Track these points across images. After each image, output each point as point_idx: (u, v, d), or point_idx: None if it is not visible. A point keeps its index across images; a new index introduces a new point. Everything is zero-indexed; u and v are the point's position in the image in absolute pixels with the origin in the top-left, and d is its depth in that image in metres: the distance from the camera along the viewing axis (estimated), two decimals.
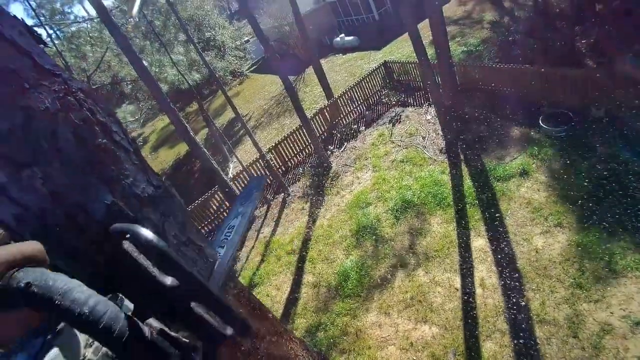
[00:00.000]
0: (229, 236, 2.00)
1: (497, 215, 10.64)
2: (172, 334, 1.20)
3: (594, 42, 14.42)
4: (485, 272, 9.50)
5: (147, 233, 1.24)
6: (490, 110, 14.53)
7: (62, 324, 1.10)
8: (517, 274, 9.06)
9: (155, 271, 1.18)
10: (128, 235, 1.23)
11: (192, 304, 1.27)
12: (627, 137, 10.69)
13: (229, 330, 1.37)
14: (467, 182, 12.20)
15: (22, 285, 1.03)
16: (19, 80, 1.20)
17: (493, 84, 15.16)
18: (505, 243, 9.83)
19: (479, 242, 10.25)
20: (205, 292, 1.34)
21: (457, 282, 9.61)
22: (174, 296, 1.20)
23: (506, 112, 14.09)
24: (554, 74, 12.74)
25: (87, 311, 1.02)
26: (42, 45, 1.37)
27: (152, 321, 1.22)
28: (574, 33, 15.24)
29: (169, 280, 1.19)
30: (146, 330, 1.12)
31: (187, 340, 1.21)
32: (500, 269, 9.38)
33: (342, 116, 19.05)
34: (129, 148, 1.51)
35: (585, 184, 10.09)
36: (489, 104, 14.81)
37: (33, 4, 21.14)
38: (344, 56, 29.95)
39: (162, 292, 1.18)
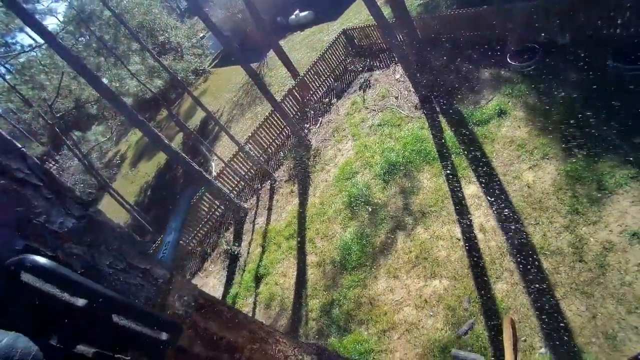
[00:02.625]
0: (166, 252, 2.00)
1: (483, 159, 10.72)
2: (108, 353, 1.18)
3: None
4: (482, 216, 9.59)
5: (42, 260, 1.15)
6: (456, 58, 14.52)
7: None
8: (514, 212, 9.17)
9: (65, 295, 1.12)
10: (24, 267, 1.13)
11: (115, 319, 1.24)
12: (593, 59, 10.72)
13: (164, 335, 1.36)
14: (448, 133, 12.24)
15: None
16: None
17: (454, 32, 15.10)
18: (496, 184, 9.93)
19: (471, 189, 10.33)
20: (124, 306, 1.29)
21: (458, 232, 9.71)
22: (90, 315, 1.15)
23: (473, 56, 14.09)
24: (512, 10, 12.69)
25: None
26: None
27: (82, 347, 1.17)
28: None
29: (80, 302, 1.14)
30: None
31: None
32: (496, 210, 9.48)
33: (311, 92, 18.92)
34: (39, 183, 1.37)
35: (563, 112, 10.17)
36: (455, 51, 14.79)
37: None
38: (302, 33, 29.65)
39: (78, 315, 1.14)
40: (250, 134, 17.36)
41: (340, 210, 12.69)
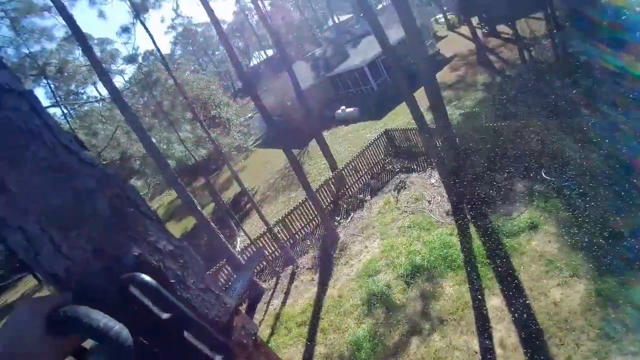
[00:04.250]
0: (233, 293, 2.30)
1: (510, 271, 10.46)
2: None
3: (585, 90, 14.81)
4: (503, 331, 9.26)
5: (146, 277, 1.59)
6: (492, 168, 14.67)
7: None
8: (538, 330, 8.82)
9: (154, 308, 1.54)
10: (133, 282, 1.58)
11: (185, 334, 1.62)
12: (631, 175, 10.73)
13: (218, 358, 1.73)
14: (477, 242, 12.10)
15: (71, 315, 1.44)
16: (70, 170, 1.68)
17: (492, 143, 15.40)
18: (521, 299, 9.61)
19: (494, 301, 10.05)
20: (193, 322, 1.68)
21: (476, 344, 9.36)
22: (169, 327, 1.55)
23: (509, 168, 14.23)
24: (551, 126, 13.01)
25: (106, 328, 1.44)
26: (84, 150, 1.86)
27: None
28: (564, 84, 15.71)
29: (164, 315, 1.54)
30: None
31: None
32: (519, 326, 9.13)
33: (347, 186, 19.18)
34: (152, 217, 1.93)
35: (597, 230, 10.00)
36: (491, 162, 14.98)
37: (52, 86, 22.31)
38: (346, 127, 30.60)
39: (161, 324, 1.54)
40: (281, 217, 17.57)
41: (357, 306, 12.46)
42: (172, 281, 1.80)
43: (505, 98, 18.60)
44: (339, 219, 17.98)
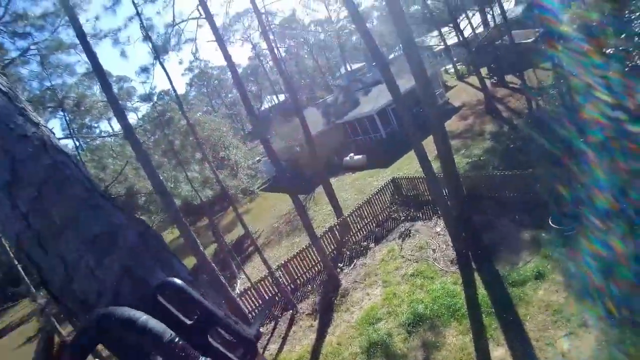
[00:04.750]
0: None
1: (515, 321, 10.20)
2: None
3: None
4: None
5: (177, 280, 1.71)
6: (498, 217, 14.54)
7: None
8: None
9: (179, 314, 1.64)
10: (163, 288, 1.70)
11: (209, 339, 1.66)
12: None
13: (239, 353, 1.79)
14: (481, 291, 11.86)
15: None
16: (105, 208, 1.92)
17: (499, 192, 15.37)
18: (527, 350, 9.30)
19: (499, 352, 9.71)
20: (219, 320, 1.73)
21: None
22: (194, 331, 1.63)
23: (514, 216, 14.10)
24: (558, 175, 12.98)
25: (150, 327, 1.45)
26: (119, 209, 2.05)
27: None
28: (571, 134, 15.71)
29: (188, 321, 1.64)
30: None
31: None
32: None
33: (351, 234, 19.00)
34: (172, 252, 2.19)
35: (604, 279, 9.74)
36: (497, 210, 14.86)
37: (68, 118, 22.93)
38: (353, 174, 30.61)
39: (186, 328, 1.62)
40: (283, 262, 17.36)
41: (356, 354, 12.07)
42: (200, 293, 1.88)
43: (513, 147, 18.61)
44: (341, 265, 17.73)
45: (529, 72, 26.26)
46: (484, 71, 31.77)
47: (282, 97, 69.87)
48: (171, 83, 20.31)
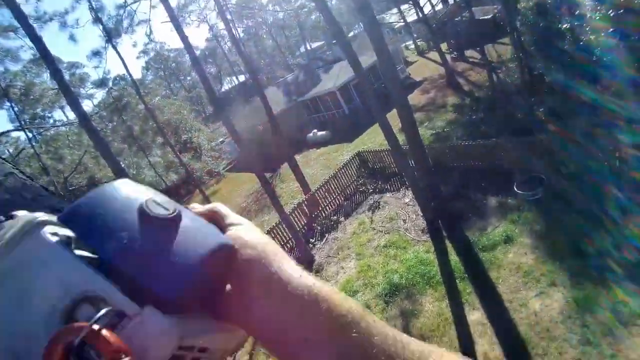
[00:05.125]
0: None
1: (488, 285, 10.52)
2: None
3: (550, 109, 15.29)
4: (486, 345, 9.18)
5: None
6: (465, 186, 14.85)
7: None
8: (520, 341, 8.78)
9: None
10: None
11: None
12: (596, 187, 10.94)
13: None
14: (454, 257, 12.15)
15: None
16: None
17: (464, 161, 15.67)
18: (502, 311, 9.62)
19: (475, 315, 10.01)
20: None
21: None
22: None
23: (481, 185, 14.41)
24: (520, 143, 13.42)
25: None
26: None
27: None
28: (531, 103, 16.17)
29: None
30: None
31: None
32: (501, 339, 9.08)
33: (320, 209, 19.07)
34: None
35: (569, 239, 10.17)
36: (464, 179, 15.16)
37: (16, 109, 21.92)
38: (317, 150, 30.64)
39: None
40: None
41: None
42: None
43: (475, 118, 18.95)
44: (313, 241, 17.82)
45: (488, 47, 26.60)
46: (444, 47, 32.37)
47: (242, 77, 68.85)
48: (126, 67, 19.84)
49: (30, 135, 23.22)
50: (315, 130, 32.80)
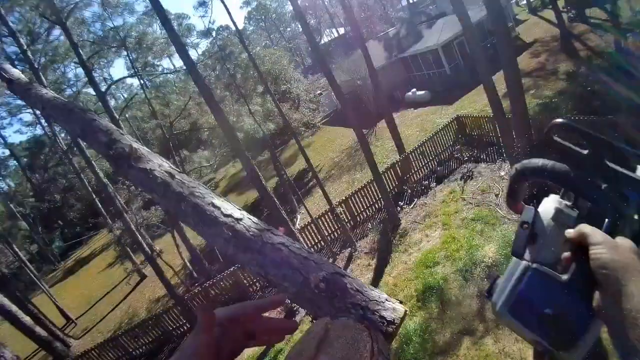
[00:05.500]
0: None
1: None
2: None
3: None
4: None
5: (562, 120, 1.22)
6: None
7: None
8: None
9: (573, 146, 1.06)
10: None
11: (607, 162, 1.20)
12: None
13: None
14: None
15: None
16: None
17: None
18: None
19: None
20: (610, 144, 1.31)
21: (530, 355, 8.93)
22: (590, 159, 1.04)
23: None
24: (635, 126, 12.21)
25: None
26: None
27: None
28: None
29: (584, 151, 1.06)
30: None
31: None
32: None
33: (413, 172, 18.76)
34: None
35: None
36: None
37: (131, 57, 23.98)
38: (415, 110, 29.90)
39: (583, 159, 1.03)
40: (344, 198, 17.46)
41: (411, 297, 12.18)
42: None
43: (590, 90, 17.43)
44: (401, 204, 17.68)
45: (621, 2, 22.73)
46: (560, 3, 28.27)
47: (341, 30, 67.98)
48: (230, 16, 20.15)
49: (142, 81, 25.12)
50: (414, 90, 31.89)
